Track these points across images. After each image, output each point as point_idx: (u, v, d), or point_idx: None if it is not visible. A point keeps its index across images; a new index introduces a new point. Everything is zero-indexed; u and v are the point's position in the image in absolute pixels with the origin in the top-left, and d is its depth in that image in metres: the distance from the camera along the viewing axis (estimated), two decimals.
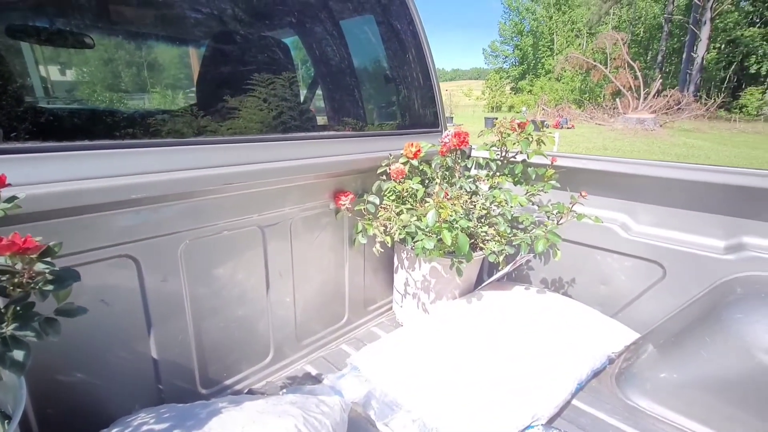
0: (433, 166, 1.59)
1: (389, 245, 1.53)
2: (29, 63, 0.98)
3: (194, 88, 1.41)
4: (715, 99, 19.86)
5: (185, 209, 1.09)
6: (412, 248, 1.55)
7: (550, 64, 34.80)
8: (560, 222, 1.48)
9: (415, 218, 1.45)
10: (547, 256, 1.80)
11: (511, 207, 1.51)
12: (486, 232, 1.48)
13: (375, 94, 1.89)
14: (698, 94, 23.70)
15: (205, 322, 1.22)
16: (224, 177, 1.11)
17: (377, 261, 1.80)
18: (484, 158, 1.58)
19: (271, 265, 1.37)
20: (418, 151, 1.54)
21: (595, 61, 23.39)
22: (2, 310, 0.58)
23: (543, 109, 21.46)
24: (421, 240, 1.36)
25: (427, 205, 1.35)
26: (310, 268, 1.51)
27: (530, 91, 36.48)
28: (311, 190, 1.42)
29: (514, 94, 40.31)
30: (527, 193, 1.57)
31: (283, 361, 1.49)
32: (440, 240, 1.35)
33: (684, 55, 25.93)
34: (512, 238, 1.50)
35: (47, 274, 0.58)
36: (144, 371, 1.12)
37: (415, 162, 1.53)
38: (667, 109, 18.57)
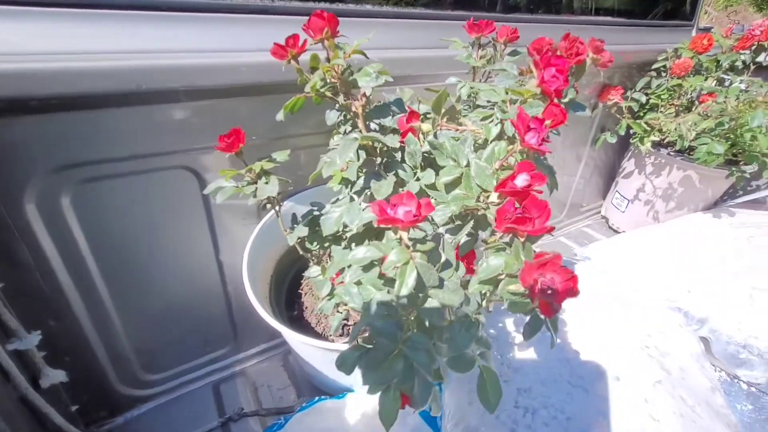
0: (722, 63, 1.41)
1: (648, 146, 1.48)
2: None
3: None
4: None
5: None
6: (669, 153, 1.50)
7: None
8: None
9: (693, 120, 1.35)
10: None
11: None
12: None
13: None
14: None
15: None
16: None
17: (600, 165, 1.78)
18: None
19: None
20: (711, 44, 1.37)
21: None
22: None
23: (705, 11, 16.99)
24: (707, 144, 1.29)
25: (742, 104, 1.24)
26: (556, 159, 1.54)
27: None
28: None
29: None
30: None
31: None
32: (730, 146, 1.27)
33: None
34: None
35: None
36: None
37: (703, 57, 1.38)
38: None
